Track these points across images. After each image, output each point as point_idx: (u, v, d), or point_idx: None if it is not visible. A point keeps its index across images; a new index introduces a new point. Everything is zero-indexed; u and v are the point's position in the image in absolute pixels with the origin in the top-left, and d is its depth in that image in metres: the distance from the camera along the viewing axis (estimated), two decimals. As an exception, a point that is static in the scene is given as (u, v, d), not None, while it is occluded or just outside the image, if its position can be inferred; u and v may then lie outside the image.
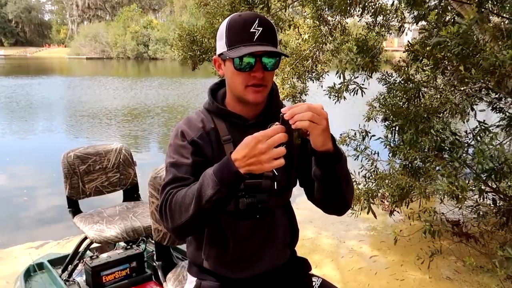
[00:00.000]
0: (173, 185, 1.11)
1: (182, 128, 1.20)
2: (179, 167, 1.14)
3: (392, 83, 3.03)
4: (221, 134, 1.20)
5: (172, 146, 1.20)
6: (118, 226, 2.31)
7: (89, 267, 2.34)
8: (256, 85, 1.12)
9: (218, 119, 1.22)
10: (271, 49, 1.08)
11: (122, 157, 2.68)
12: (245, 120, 1.21)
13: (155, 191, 1.59)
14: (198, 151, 1.17)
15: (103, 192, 2.64)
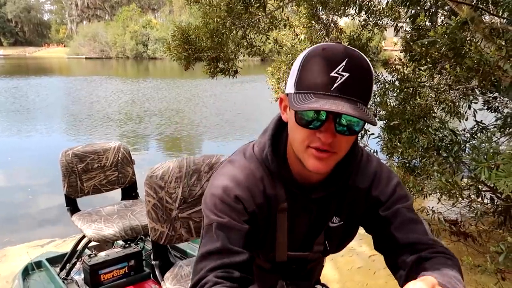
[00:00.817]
0: (219, 261, 0.85)
1: (236, 192, 0.91)
2: (230, 230, 0.87)
3: (387, 82, 3.04)
4: (279, 201, 0.96)
5: (218, 200, 0.91)
6: (116, 225, 2.32)
7: (87, 265, 2.34)
8: (320, 150, 0.83)
9: (279, 183, 0.96)
10: (351, 111, 0.76)
11: (121, 156, 2.69)
12: (306, 192, 0.96)
13: (151, 190, 1.60)
14: (254, 221, 0.92)
15: (101, 191, 2.65)
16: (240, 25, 3.70)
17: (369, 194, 0.98)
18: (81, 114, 11.88)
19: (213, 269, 0.84)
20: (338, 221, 1.02)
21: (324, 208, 0.99)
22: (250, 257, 0.88)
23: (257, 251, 1.05)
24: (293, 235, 1.00)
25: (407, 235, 0.91)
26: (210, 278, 0.81)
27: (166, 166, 1.65)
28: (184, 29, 3.49)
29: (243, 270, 0.86)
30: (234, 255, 0.86)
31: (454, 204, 3.31)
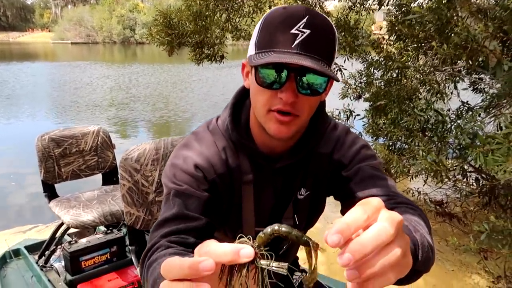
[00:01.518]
0: (173, 227, 0.81)
1: (196, 161, 0.88)
2: (188, 198, 0.85)
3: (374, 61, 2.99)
4: (244, 173, 0.93)
5: (178, 169, 0.88)
6: (95, 211, 2.25)
7: (67, 252, 2.28)
8: (282, 113, 0.80)
9: (242, 153, 0.93)
10: (312, 64, 0.73)
11: (100, 140, 2.61)
12: (271, 162, 0.92)
13: (126, 173, 1.53)
14: (215, 191, 0.90)
15: (80, 176, 2.57)
16: (224, 8, 3.60)
17: (331, 158, 0.95)
18: (64, 100, 11.63)
19: (167, 235, 0.80)
20: (305, 192, 0.98)
21: (290, 178, 0.95)
22: (207, 223, 0.85)
23: (223, 227, 1.01)
24: (260, 209, 0.96)
25: (367, 190, 0.87)
26: (162, 243, 0.77)
27: (142, 148, 1.59)
28: (166, 12, 3.38)
29: (200, 237, 0.82)
30: (190, 221, 0.83)
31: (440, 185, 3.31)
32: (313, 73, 0.77)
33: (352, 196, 0.89)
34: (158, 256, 0.73)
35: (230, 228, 1.00)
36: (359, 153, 0.93)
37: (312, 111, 0.84)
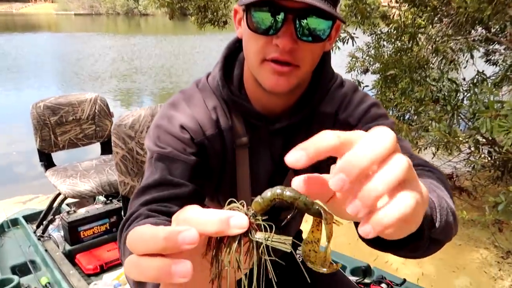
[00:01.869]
0: (155, 194, 0.71)
1: (182, 121, 0.78)
2: (172, 162, 0.75)
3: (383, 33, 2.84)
4: (237, 135, 0.82)
5: (162, 130, 0.78)
6: (93, 180, 2.18)
7: (66, 222, 2.24)
8: (278, 62, 0.69)
9: (235, 113, 0.82)
10: (315, 2, 0.63)
11: (98, 108, 2.51)
12: (267, 123, 0.81)
13: (120, 140, 1.44)
14: (204, 155, 0.80)
15: (78, 145, 2.49)
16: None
17: (336, 118, 0.83)
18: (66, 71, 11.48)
19: (147, 203, 0.70)
20: None
21: (290, 141, 0.84)
22: (195, 191, 0.74)
23: (216, 196, 0.91)
24: (256, 176, 0.86)
25: None
26: (142, 212, 0.67)
27: (136, 114, 1.49)
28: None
29: (185, 205, 0.71)
30: (175, 188, 0.72)
31: (450, 158, 3.21)
32: (316, 16, 0.65)
33: None
34: (136, 226, 0.64)
35: (223, 197, 0.90)
36: (369, 112, 0.82)
37: (314, 62, 0.73)
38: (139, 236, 0.32)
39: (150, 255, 0.31)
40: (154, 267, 0.30)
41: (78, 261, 2.18)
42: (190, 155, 0.76)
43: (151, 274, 0.30)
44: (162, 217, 0.68)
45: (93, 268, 2.10)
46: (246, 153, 0.83)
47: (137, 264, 0.31)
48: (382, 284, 1.50)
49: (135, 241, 0.32)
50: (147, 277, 0.30)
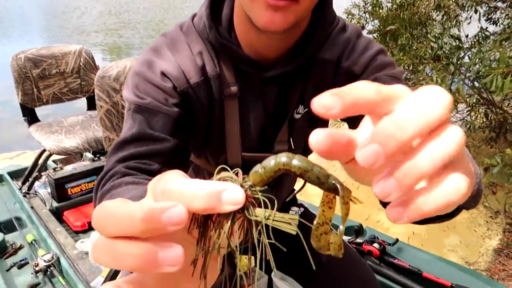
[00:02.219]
0: (133, 150, 0.64)
1: (163, 68, 0.69)
2: (152, 114, 0.67)
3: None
4: (226, 84, 0.73)
5: (141, 78, 0.70)
6: (78, 137, 2.10)
7: (52, 179, 2.18)
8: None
9: (224, 58, 0.73)
10: None
11: (83, 61, 2.38)
12: (260, 70, 0.72)
13: (104, 93, 1.35)
14: (188, 105, 0.72)
15: (62, 100, 2.38)
16: None
17: (338, 67, 0.75)
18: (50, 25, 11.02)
19: (124, 159, 0.63)
20: (303, 110, 0.78)
21: (285, 91, 0.76)
22: (177, 147, 0.67)
23: (203, 152, 0.84)
24: (247, 130, 0.78)
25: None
26: (118, 169, 0.60)
27: (121, 66, 1.39)
28: None
29: (167, 163, 0.65)
30: (155, 143, 0.65)
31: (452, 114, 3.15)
32: None
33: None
34: (112, 185, 0.57)
35: (210, 153, 0.83)
36: (375, 60, 0.73)
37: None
38: (109, 214, 0.24)
39: (125, 238, 0.24)
40: (134, 254, 0.23)
41: (66, 218, 2.14)
42: (172, 106, 0.68)
43: (131, 263, 0.23)
44: (141, 175, 0.61)
45: (81, 225, 2.06)
46: (235, 104, 0.74)
47: (111, 249, 0.24)
48: (375, 244, 1.48)
49: (104, 220, 0.25)
50: (125, 266, 0.24)
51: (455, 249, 2.42)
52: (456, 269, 1.37)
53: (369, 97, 0.24)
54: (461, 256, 2.36)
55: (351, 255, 1.02)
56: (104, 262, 0.25)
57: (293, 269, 1.06)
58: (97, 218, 0.25)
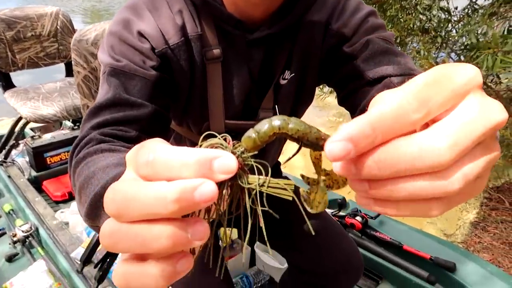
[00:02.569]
0: (108, 116, 0.60)
1: (140, 27, 0.65)
2: (129, 77, 0.63)
3: None
4: (208, 45, 0.69)
5: (116, 38, 0.65)
6: (56, 104, 2.02)
7: (30, 147, 2.12)
8: None
9: (206, 18, 0.69)
10: None
11: (60, 24, 2.26)
12: (245, 31, 0.69)
13: (81, 58, 1.28)
14: (167, 68, 0.67)
15: (39, 65, 2.28)
16: None
17: (328, 29, 0.71)
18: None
19: (100, 126, 0.59)
20: (289, 75, 0.75)
21: (271, 55, 0.72)
22: (156, 113, 0.63)
23: (185, 120, 0.80)
24: (230, 96, 0.74)
25: (379, 68, 0.66)
26: (93, 136, 0.57)
27: (100, 29, 1.31)
28: None
29: (144, 130, 0.62)
30: (132, 108, 0.61)
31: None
32: None
33: (357, 75, 0.68)
34: (87, 153, 0.53)
35: (192, 121, 0.79)
36: (366, 22, 0.69)
37: None
38: (131, 198, 0.23)
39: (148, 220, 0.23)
40: (165, 235, 0.23)
41: (45, 188, 2.10)
42: (150, 69, 0.64)
43: (163, 245, 0.23)
44: (117, 142, 0.57)
45: (61, 195, 2.03)
46: (218, 68, 0.70)
47: (136, 234, 0.23)
48: (357, 217, 1.49)
49: (125, 205, 0.23)
50: (155, 248, 0.23)
51: (434, 221, 2.47)
52: (435, 242, 1.40)
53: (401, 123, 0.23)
54: (440, 228, 2.42)
55: (335, 227, 1.02)
56: (125, 248, 0.24)
57: (277, 241, 1.05)
58: (114, 203, 0.24)
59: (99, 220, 0.45)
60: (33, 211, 1.74)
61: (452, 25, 2.45)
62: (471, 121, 0.23)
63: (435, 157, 0.22)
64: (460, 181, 0.23)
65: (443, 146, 0.22)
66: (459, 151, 0.22)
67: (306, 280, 1.02)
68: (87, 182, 0.48)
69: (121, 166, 0.46)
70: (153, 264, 0.24)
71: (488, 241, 2.27)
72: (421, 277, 1.28)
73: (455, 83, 0.23)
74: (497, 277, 1.21)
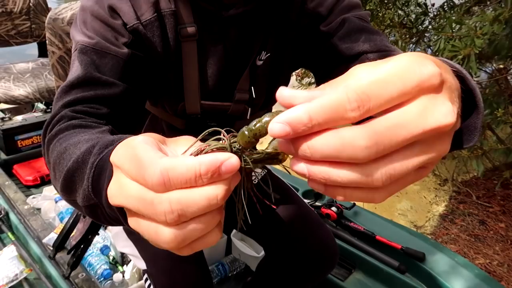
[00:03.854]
0: (79, 94, 0.59)
1: (112, 1, 0.64)
2: (100, 55, 0.61)
3: None
4: (182, 23, 0.68)
5: (87, 14, 0.64)
6: (29, 85, 1.95)
7: (0, 129, 2.04)
8: None
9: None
10: None
11: (33, 1, 2.17)
12: (221, 8, 0.68)
13: (56, 38, 1.24)
14: (140, 45, 0.66)
15: (10, 43, 2.19)
16: None
17: (303, 8, 0.72)
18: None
19: (71, 104, 0.58)
20: (265, 56, 0.76)
21: (247, 35, 0.72)
22: (126, 91, 0.63)
23: (159, 100, 0.79)
24: (206, 76, 0.74)
25: (355, 46, 0.67)
26: (65, 113, 0.56)
27: (76, 7, 1.27)
28: None
29: (116, 108, 0.61)
30: (103, 87, 0.60)
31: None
32: None
33: (333, 53, 0.69)
34: (59, 129, 0.53)
35: (167, 101, 0.78)
36: (342, 1, 0.71)
37: None
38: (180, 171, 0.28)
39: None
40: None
41: (16, 172, 2.03)
42: (122, 46, 0.63)
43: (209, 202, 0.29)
44: (89, 118, 0.57)
45: (33, 180, 1.97)
46: (194, 46, 0.69)
47: (186, 199, 0.28)
48: (333, 208, 1.52)
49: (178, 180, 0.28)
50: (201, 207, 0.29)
51: (405, 213, 2.55)
52: (406, 233, 1.44)
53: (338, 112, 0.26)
54: (410, 220, 2.50)
55: (312, 217, 1.04)
56: (177, 210, 0.28)
57: (253, 229, 1.06)
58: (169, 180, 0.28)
59: (74, 194, 0.46)
60: (3, 195, 1.69)
61: (428, 21, 2.51)
62: (402, 124, 0.25)
63: (352, 153, 0.25)
64: (383, 177, 0.26)
65: (360, 145, 0.25)
66: (378, 151, 0.25)
67: (282, 268, 1.04)
68: (59, 158, 0.48)
69: (91, 141, 0.47)
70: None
71: (455, 233, 2.36)
72: (392, 266, 1.32)
73: (405, 84, 0.25)
74: (463, 267, 1.26)
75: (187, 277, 0.88)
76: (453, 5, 2.65)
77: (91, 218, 0.57)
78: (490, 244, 2.25)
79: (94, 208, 0.43)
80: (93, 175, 0.41)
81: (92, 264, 1.41)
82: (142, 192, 0.29)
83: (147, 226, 0.30)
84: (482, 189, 2.76)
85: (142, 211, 0.29)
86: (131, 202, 0.30)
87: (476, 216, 2.49)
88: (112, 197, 0.33)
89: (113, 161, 0.33)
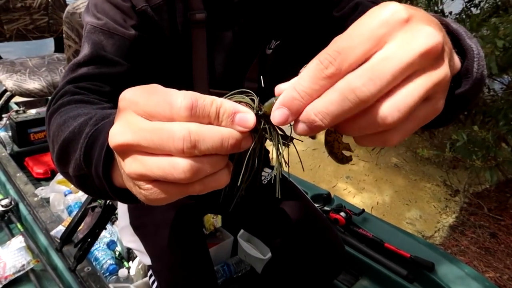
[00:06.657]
0: (84, 71, 0.60)
1: None
2: (108, 36, 0.62)
3: None
4: (192, 8, 0.68)
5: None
6: (44, 79, 1.97)
7: (14, 122, 2.07)
8: None
9: None
10: None
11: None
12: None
13: (73, 32, 1.25)
14: (147, 28, 0.66)
15: (28, 38, 2.22)
16: None
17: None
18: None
19: (75, 80, 0.59)
20: (275, 45, 0.75)
21: (257, 23, 0.71)
22: (131, 71, 0.63)
23: (168, 87, 0.79)
24: (215, 63, 0.73)
25: None
26: (69, 89, 0.57)
27: (94, 5, 1.28)
28: None
29: (119, 87, 0.62)
30: (108, 66, 0.61)
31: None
32: None
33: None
34: (61, 103, 0.54)
35: (176, 88, 0.78)
36: None
37: None
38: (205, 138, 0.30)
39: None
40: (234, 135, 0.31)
41: (27, 164, 2.05)
42: (130, 28, 0.63)
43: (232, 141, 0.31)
44: (91, 95, 0.57)
45: (43, 172, 1.99)
46: (203, 33, 0.68)
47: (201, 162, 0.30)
48: (341, 213, 1.50)
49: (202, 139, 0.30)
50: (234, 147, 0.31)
51: (413, 222, 2.51)
52: (416, 242, 1.42)
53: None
54: (418, 229, 2.46)
55: (321, 220, 1.03)
56: (189, 172, 0.30)
57: (261, 231, 1.05)
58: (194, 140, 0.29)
59: (68, 166, 0.46)
60: (14, 186, 1.70)
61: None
62: (388, 57, 0.26)
63: (354, 97, 0.26)
64: (393, 112, 0.26)
65: (357, 85, 0.26)
66: (377, 87, 0.26)
67: (288, 270, 1.02)
68: (58, 130, 0.49)
69: (89, 114, 0.47)
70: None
71: (465, 245, 2.31)
72: (400, 274, 1.30)
73: (371, 27, 0.27)
74: (474, 280, 1.23)
75: (191, 274, 0.87)
76: (468, 15, 2.62)
77: (80, 190, 0.57)
78: (501, 257, 2.20)
79: (84, 178, 0.44)
80: (86, 144, 0.42)
81: (98, 258, 1.41)
82: (157, 124, 0.30)
83: (157, 162, 0.30)
84: (494, 201, 2.72)
85: (156, 141, 0.29)
86: (142, 135, 0.30)
87: (487, 228, 2.44)
88: (116, 135, 0.32)
89: (124, 98, 0.33)
